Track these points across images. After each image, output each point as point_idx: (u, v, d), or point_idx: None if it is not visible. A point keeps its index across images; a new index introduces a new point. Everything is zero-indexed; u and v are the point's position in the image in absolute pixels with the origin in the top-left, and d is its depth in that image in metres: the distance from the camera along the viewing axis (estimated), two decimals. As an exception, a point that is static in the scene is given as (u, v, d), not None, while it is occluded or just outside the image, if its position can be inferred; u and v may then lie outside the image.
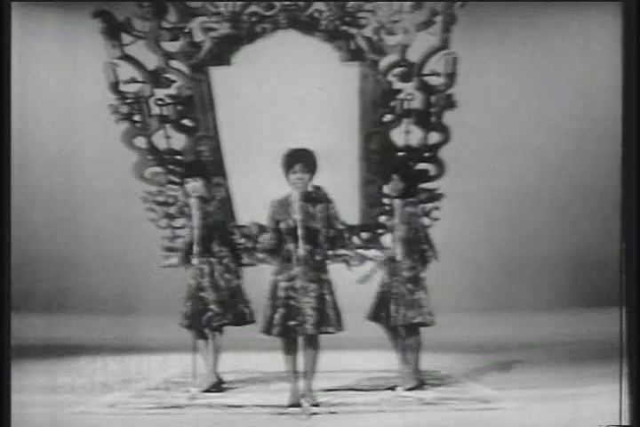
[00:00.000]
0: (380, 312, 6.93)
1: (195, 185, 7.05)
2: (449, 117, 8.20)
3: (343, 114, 8.15)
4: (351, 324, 6.47)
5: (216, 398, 6.76)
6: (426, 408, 6.44)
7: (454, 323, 7.57)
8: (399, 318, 6.87)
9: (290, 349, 6.42)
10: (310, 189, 6.43)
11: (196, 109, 8.17)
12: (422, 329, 6.92)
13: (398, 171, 7.10)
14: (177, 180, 8.03)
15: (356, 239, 8.13)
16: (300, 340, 6.39)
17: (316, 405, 6.39)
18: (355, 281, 6.96)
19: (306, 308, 6.31)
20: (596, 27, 7.75)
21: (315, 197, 6.42)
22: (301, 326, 6.29)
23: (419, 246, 6.92)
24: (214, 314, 6.92)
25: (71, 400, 6.61)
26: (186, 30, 8.19)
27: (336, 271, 6.56)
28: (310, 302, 6.32)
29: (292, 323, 6.30)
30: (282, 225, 6.40)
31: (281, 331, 6.33)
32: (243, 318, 7.01)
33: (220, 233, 7.05)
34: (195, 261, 6.99)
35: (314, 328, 6.31)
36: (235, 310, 6.98)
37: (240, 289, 7.06)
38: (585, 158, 8.18)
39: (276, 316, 6.34)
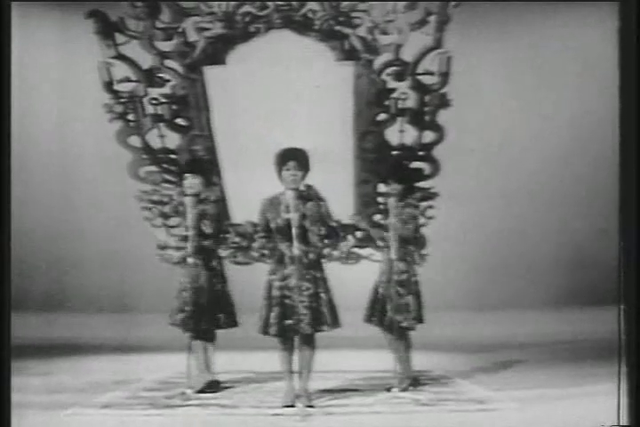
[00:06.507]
0: (371, 313, 6.93)
1: (192, 182, 7.02)
2: (443, 116, 8.19)
3: (337, 113, 8.14)
4: (346, 323, 6.46)
5: (210, 398, 6.73)
6: (422, 409, 6.41)
7: (450, 322, 7.58)
8: (386, 320, 6.86)
9: (286, 348, 6.40)
10: (303, 187, 6.44)
11: (190, 109, 8.15)
12: (419, 328, 6.90)
13: (393, 174, 7.10)
14: (172, 178, 8.01)
15: (350, 238, 8.12)
16: (297, 339, 6.37)
17: (311, 406, 6.37)
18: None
19: (300, 307, 6.30)
20: (594, 27, 7.72)
21: (307, 196, 6.43)
22: (297, 325, 6.28)
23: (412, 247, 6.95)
24: (189, 316, 6.88)
25: (66, 400, 6.58)
26: (179, 30, 8.17)
27: (333, 270, 6.55)
28: (304, 301, 6.31)
29: (288, 322, 6.29)
30: (272, 224, 6.41)
31: (278, 330, 6.32)
32: (223, 322, 6.97)
33: (213, 233, 7.02)
34: (189, 260, 6.95)
35: (309, 327, 6.30)
36: (213, 313, 6.93)
37: (224, 293, 7.02)
38: (582, 157, 8.17)
39: (272, 315, 6.34)
